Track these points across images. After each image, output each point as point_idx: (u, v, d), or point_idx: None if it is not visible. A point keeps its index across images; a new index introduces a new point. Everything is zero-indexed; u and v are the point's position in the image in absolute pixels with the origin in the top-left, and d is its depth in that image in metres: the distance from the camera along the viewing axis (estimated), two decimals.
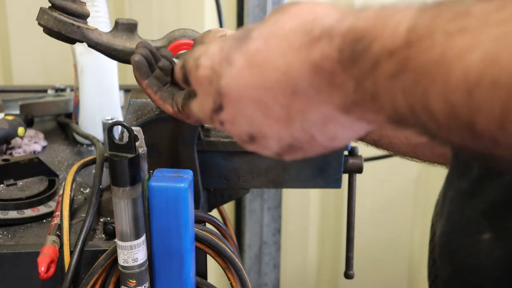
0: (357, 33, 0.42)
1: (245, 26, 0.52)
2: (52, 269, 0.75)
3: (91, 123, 1.19)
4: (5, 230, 0.85)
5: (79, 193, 0.95)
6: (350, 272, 0.95)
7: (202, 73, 0.52)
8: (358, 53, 0.41)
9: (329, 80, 0.44)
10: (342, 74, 0.43)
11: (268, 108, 0.48)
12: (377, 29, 0.40)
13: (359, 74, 0.42)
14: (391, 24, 0.40)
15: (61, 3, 0.77)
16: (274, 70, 0.47)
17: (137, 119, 0.82)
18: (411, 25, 0.38)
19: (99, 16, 1.20)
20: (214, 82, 0.51)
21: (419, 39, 0.38)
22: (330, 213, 1.93)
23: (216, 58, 0.51)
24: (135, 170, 0.70)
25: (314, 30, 0.45)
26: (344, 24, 0.43)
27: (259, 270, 1.87)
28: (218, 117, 0.52)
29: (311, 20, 0.46)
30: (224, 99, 0.50)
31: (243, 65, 0.48)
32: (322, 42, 0.44)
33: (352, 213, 0.91)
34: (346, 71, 0.43)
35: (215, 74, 0.50)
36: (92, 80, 1.20)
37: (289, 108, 0.47)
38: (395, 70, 0.39)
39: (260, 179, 0.86)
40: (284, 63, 0.46)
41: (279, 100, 0.47)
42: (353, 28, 0.42)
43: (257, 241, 1.84)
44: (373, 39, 0.40)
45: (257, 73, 0.47)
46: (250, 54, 0.48)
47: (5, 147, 1.10)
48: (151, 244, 0.75)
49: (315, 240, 1.96)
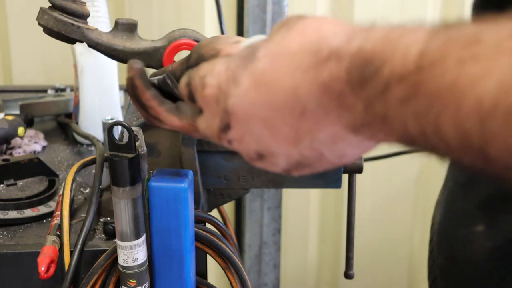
0: (366, 55, 0.41)
1: (251, 43, 0.51)
2: (52, 269, 0.75)
3: (91, 123, 1.19)
4: (5, 230, 0.85)
5: (79, 193, 0.95)
6: (350, 272, 0.95)
7: (208, 92, 0.51)
8: (368, 76, 0.41)
9: (338, 101, 0.44)
10: (351, 96, 0.43)
11: (276, 128, 0.48)
12: (387, 53, 0.40)
13: (369, 97, 0.42)
14: (401, 47, 0.39)
15: (61, 3, 0.77)
16: (282, 90, 0.46)
17: (137, 119, 0.82)
18: (421, 50, 0.38)
19: (99, 16, 1.20)
20: (221, 101, 0.50)
21: (431, 65, 0.37)
22: (330, 213, 1.93)
23: (223, 77, 0.50)
24: (135, 170, 0.70)
25: (321, 51, 0.44)
26: (352, 45, 0.43)
27: (259, 270, 1.87)
28: (226, 136, 0.52)
29: (318, 40, 0.45)
30: (232, 118, 0.50)
31: (250, 85, 0.48)
32: (331, 63, 0.44)
33: (352, 213, 0.90)
34: (355, 93, 0.42)
35: (222, 93, 0.50)
36: (92, 80, 1.20)
37: (298, 128, 0.47)
38: (406, 94, 0.39)
39: (260, 179, 0.86)
40: (292, 84, 0.46)
41: (287, 120, 0.47)
42: (362, 50, 0.42)
43: (257, 241, 1.84)
44: (382, 62, 0.40)
45: (264, 93, 0.47)
46: (257, 74, 0.47)
47: (5, 147, 1.10)
48: (151, 244, 0.75)
49: (315, 240, 1.96)
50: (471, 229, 0.58)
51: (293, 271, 1.97)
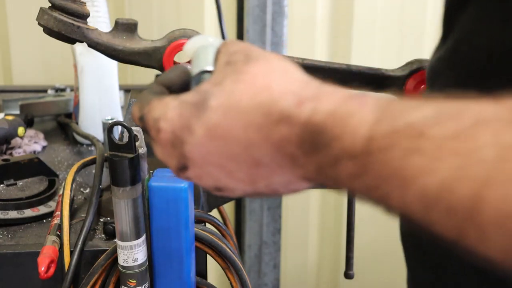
0: (317, 127, 0.43)
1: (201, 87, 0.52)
2: (52, 269, 0.75)
3: (91, 123, 1.19)
4: (5, 230, 0.85)
5: (79, 193, 0.95)
6: (350, 272, 0.95)
7: (164, 137, 0.53)
8: (319, 146, 0.43)
9: (290, 159, 0.46)
10: (303, 158, 0.45)
11: (232, 173, 0.50)
12: (337, 129, 0.42)
13: (320, 163, 0.44)
14: (350, 126, 0.42)
15: (61, 3, 0.77)
16: (237, 144, 0.48)
17: None
18: (369, 135, 0.41)
19: (99, 16, 1.20)
20: (177, 146, 0.52)
21: (379, 150, 0.40)
22: (330, 213, 1.93)
23: (176, 125, 0.51)
24: (135, 170, 0.70)
25: (272, 114, 0.46)
26: (302, 113, 0.45)
27: (259, 270, 1.87)
28: (184, 174, 0.54)
29: (268, 102, 0.47)
30: (189, 162, 0.52)
31: (205, 135, 0.49)
32: (282, 127, 0.46)
33: (352, 213, 0.90)
34: (307, 157, 0.45)
35: (177, 139, 0.51)
36: (92, 80, 1.20)
37: (253, 175, 0.50)
38: (357, 171, 0.41)
39: None
40: (245, 139, 0.48)
41: (243, 168, 0.49)
42: (312, 120, 0.44)
43: (257, 241, 1.84)
44: (333, 137, 0.42)
45: (219, 145, 0.49)
46: (210, 126, 0.49)
47: (5, 147, 1.10)
48: (151, 244, 0.75)
49: (315, 240, 1.96)
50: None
51: (293, 271, 1.97)
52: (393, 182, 0.39)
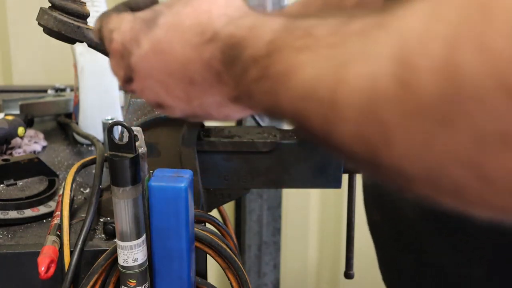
0: (234, 40, 0.49)
1: (155, 7, 0.59)
2: (52, 269, 0.75)
3: (91, 123, 1.19)
4: (5, 230, 0.85)
5: (79, 193, 0.95)
6: (350, 272, 0.95)
7: (114, 47, 0.58)
8: (234, 58, 0.48)
9: (217, 77, 0.52)
10: (225, 74, 0.51)
11: (170, 89, 0.56)
12: (249, 38, 0.47)
13: (236, 76, 0.49)
14: (257, 34, 0.46)
15: (61, 3, 0.77)
16: (175, 60, 0.54)
17: (137, 119, 0.82)
18: (272, 38, 0.45)
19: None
20: (125, 57, 0.57)
21: (275, 51, 0.44)
22: (330, 213, 1.93)
23: (127, 37, 0.57)
24: (135, 170, 0.70)
25: (206, 33, 0.52)
26: (227, 30, 0.50)
27: (259, 270, 1.87)
28: (129, 86, 0.59)
29: (205, 22, 0.52)
30: (134, 74, 0.57)
31: (149, 50, 0.55)
32: (211, 44, 0.51)
33: (352, 213, 0.90)
34: (228, 72, 0.50)
35: (125, 50, 0.57)
36: (92, 80, 1.20)
37: (188, 92, 0.55)
38: (259, 75, 0.45)
39: (260, 179, 0.86)
40: (182, 57, 0.53)
41: (179, 85, 0.55)
42: (232, 35, 0.49)
43: (257, 241, 1.84)
44: (244, 47, 0.47)
45: (160, 60, 0.55)
46: (154, 41, 0.55)
47: (5, 147, 1.10)
48: (151, 244, 0.75)
49: (315, 240, 1.96)
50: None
51: (293, 271, 1.97)
52: (282, 80, 0.43)
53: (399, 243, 0.69)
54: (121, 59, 0.58)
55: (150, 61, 0.55)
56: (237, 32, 0.49)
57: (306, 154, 0.86)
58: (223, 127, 0.90)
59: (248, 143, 0.85)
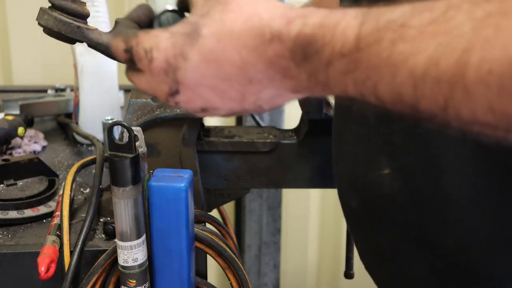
0: (307, 38, 0.51)
1: (188, 20, 0.59)
2: (52, 269, 0.75)
3: (91, 123, 1.19)
4: (5, 230, 0.85)
5: (79, 193, 0.95)
6: (350, 272, 0.95)
7: (157, 65, 0.58)
8: (310, 54, 0.51)
9: (283, 73, 0.53)
10: (295, 69, 0.52)
11: (224, 92, 0.57)
12: (327, 36, 0.49)
13: (312, 69, 0.51)
14: (338, 31, 0.49)
15: (61, 3, 0.77)
16: (230, 65, 0.55)
17: (137, 119, 0.82)
18: (357, 34, 0.48)
19: (99, 16, 1.20)
20: (170, 73, 0.58)
21: (368, 45, 0.47)
22: (330, 213, 1.93)
23: (170, 54, 0.57)
24: (135, 170, 0.70)
25: (265, 34, 0.53)
26: (292, 30, 0.52)
27: (259, 270, 1.87)
28: (174, 99, 0.59)
29: (259, 25, 0.54)
30: (181, 86, 0.58)
31: (200, 61, 0.56)
32: (274, 44, 0.53)
33: None
34: (299, 67, 0.52)
35: (170, 67, 0.57)
36: (92, 80, 1.20)
37: (244, 92, 0.56)
38: (348, 68, 0.48)
39: (260, 179, 0.86)
40: (240, 60, 0.54)
41: (235, 86, 0.56)
42: (302, 34, 0.51)
43: (257, 241, 1.84)
44: (324, 44, 0.49)
45: (214, 67, 0.55)
46: (205, 51, 0.55)
47: (5, 147, 1.10)
48: (151, 244, 0.75)
49: (315, 240, 1.96)
50: (379, 173, 0.67)
51: (293, 271, 1.97)
52: (382, 70, 0.46)
53: (379, 222, 0.69)
54: (165, 76, 0.58)
55: (201, 71, 0.56)
56: (306, 31, 0.51)
57: (306, 154, 0.86)
58: (223, 127, 0.90)
59: (248, 143, 0.85)
